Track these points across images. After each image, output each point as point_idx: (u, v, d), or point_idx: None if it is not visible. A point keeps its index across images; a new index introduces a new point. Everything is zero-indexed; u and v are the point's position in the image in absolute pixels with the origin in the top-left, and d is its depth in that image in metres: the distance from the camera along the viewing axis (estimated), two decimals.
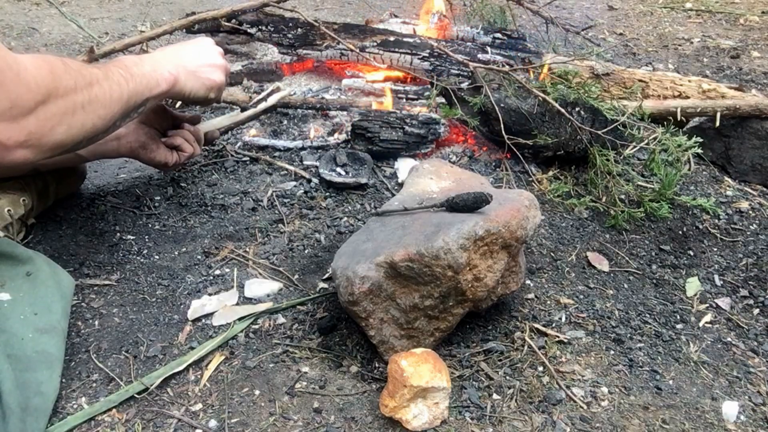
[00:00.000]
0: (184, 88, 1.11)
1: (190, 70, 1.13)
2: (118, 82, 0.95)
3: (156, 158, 1.26)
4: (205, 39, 1.23)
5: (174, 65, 1.10)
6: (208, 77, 1.16)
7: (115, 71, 0.96)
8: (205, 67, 1.16)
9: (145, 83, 1.01)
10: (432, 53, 1.85)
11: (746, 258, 1.37)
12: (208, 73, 1.16)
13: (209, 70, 1.17)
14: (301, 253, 1.25)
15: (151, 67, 1.04)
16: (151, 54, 1.12)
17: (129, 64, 1.01)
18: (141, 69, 1.02)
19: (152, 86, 1.03)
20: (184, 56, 1.14)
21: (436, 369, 0.87)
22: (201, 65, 1.16)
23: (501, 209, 0.98)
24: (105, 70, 0.95)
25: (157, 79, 1.04)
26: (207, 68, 1.17)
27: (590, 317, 1.14)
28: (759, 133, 1.61)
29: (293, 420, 0.89)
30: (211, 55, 1.18)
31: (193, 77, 1.13)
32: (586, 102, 1.47)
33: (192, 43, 1.20)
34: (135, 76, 0.99)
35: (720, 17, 3.35)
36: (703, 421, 0.95)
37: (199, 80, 1.14)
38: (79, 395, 0.92)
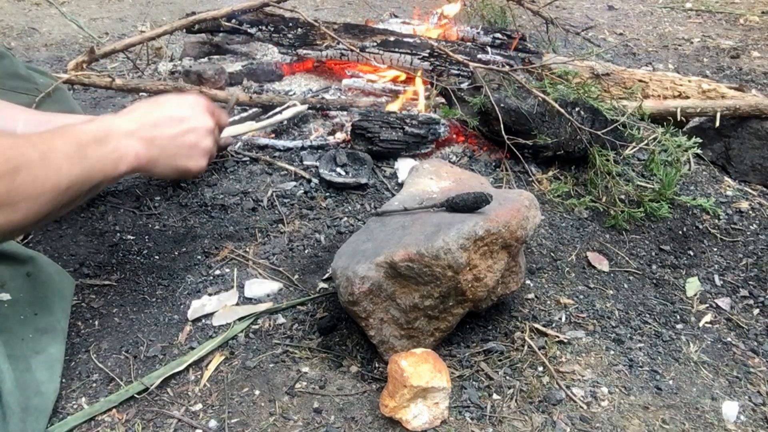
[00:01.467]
0: (152, 170, 0.93)
1: (164, 152, 0.93)
2: (59, 166, 0.76)
3: None
4: (200, 107, 0.99)
5: (146, 143, 0.90)
6: (185, 164, 0.95)
7: (61, 149, 0.78)
8: (186, 149, 0.95)
9: (100, 167, 0.83)
10: (432, 53, 1.85)
11: (746, 258, 1.37)
12: (187, 158, 0.95)
13: (189, 155, 0.96)
14: (301, 253, 1.25)
15: (113, 146, 0.85)
16: (124, 120, 0.90)
17: (86, 140, 0.82)
18: (98, 149, 0.83)
19: (108, 170, 0.84)
20: (164, 130, 0.93)
21: (436, 369, 0.87)
22: (181, 146, 0.94)
23: (501, 209, 0.98)
24: (46, 147, 0.76)
25: (116, 162, 0.85)
26: (188, 151, 0.96)
27: (590, 317, 1.14)
28: (759, 133, 1.61)
29: (293, 420, 0.89)
30: (197, 136, 0.96)
31: (165, 160, 0.93)
32: (586, 102, 1.47)
33: (180, 111, 0.97)
34: (87, 159, 0.81)
35: (720, 17, 3.35)
36: (703, 421, 0.95)
37: (173, 164, 0.94)
38: (79, 395, 0.92)
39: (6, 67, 1.23)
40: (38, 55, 2.63)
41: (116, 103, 1.94)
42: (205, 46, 2.23)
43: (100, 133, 0.85)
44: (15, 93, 1.23)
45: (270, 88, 1.93)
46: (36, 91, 1.27)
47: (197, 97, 1.00)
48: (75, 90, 1.98)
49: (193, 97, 1.00)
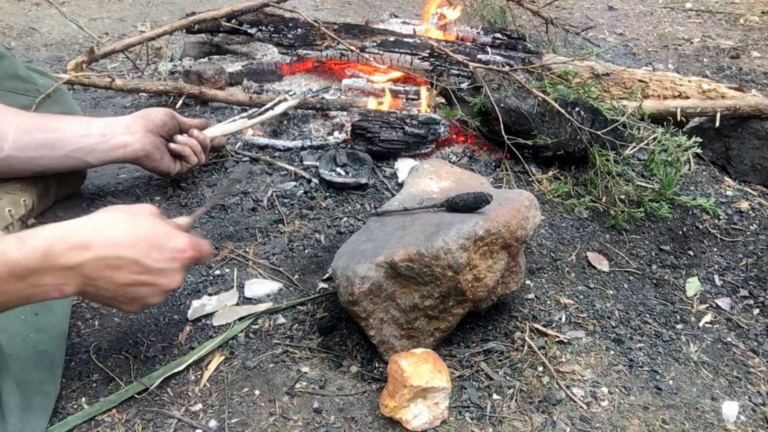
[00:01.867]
0: (87, 298, 0.81)
1: (100, 293, 0.78)
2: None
3: (159, 168, 1.26)
4: (179, 261, 0.84)
5: (83, 283, 0.76)
6: (118, 306, 0.82)
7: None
8: (128, 298, 0.81)
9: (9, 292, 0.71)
10: (432, 53, 1.85)
11: (746, 258, 1.37)
12: (123, 303, 0.82)
13: (128, 302, 0.82)
14: (301, 253, 1.25)
15: (34, 280, 0.73)
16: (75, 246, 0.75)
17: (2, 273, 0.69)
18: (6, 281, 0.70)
19: (12, 302, 0.73)
20: (117, 276, 0.78)
21: (436, 369, 0.87)
22: (125, 295, 0.80)
23: (501, 209, 0.98)
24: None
25: (29, 296, 0.73)
26: (129, 300, 0.81)
27: (590, 317, 1.14)
28: (759, 133, 1.61)
29: (293, 420, 0.89)
30: (152, 293, 0.82)
31: (97, 298, 0.80)
32: (586, 102, 1.47)
33: (153, 260, 0.80)
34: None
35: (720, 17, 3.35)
36: (703, 421, 0.95)
37: (103, 302, 0.82)
38: (79, 395, 0.92)
39: (6, 68, 1.23)
40: (38, 55, 2.63)
41: (116, 103, 1.94)
42: (205, 46, 2.23)
43: (36, 265, 0.72)
44: (15, 94, 1.23)
45: (270, 88, 1.93)
46: (36, 92, 1.27)
47: (187, 246, 0.84)
48: (75, 90, 1.98)
49: (186, 242, 0.84)
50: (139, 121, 1.23)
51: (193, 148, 1.30)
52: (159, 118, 1.25)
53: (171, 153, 1.29)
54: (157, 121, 1.25)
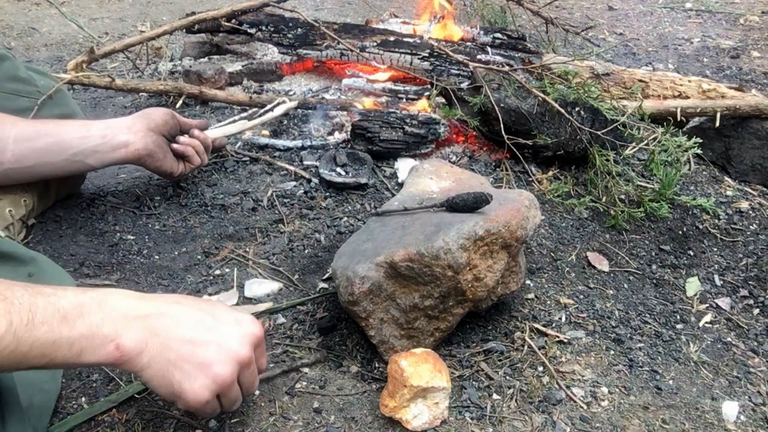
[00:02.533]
0: (139, 372, 0.71)
1: (166, 355, 0.70)
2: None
3: (162, 168, 1.25)
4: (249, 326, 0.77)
5: (144, 334, 0.69)
6: (181, 383, 0.71)
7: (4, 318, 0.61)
8: (192, 365, 0.71)
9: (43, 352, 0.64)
10: (432, 53, 1.85)
11: (746, 258, 1.37)
12: (188, 376, 0.71)
13: (195, 372, 0.71)
14: (301, 253, 1.25)
15: (88, 329, 0.66)
16: (134, 302, 0.71)
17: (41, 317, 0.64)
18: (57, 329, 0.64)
19: (60, 357, 0.65)
20: (180, 329, 0.72)
21: (436, 369, 0.87)
22: (190, 356, 0.71)
23: (501, 209, 0.98)
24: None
25: (82, 349, 0.66)
26: (193, 369, 0.71)
27: (590, 317, 1.14)
28: (759, 133, 1.61)
29: (293, 420, 0.89)
30: (218, 354, 0.73)
31: (162, 365, 0.71)
32: (586, 102, 1.47)
33: (218, 316, 0.76)
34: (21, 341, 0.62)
35: (720, 17, 3.35)
36: (703, 421, 0.95)
37: (167, 375, 0.71)
38: (79, 395, 0.92)
39: (6, 70, 1.23)
40: (38, 55, 2.63)
41: (116, 103, 1.94)
42: (205, 46, 2.23)
43: (93, 308, 0.67)
44: (16, 96, 1.22)
45: (270, 88, 1.93)
46: (37, 93, 1.26)
47: (254, 319, 0.79)
48: (75, 90, 1.98)
49: (250, 317, 0.79)
50: (140, 120, 1.22)
51: (195, 148, 1.30)
52: (160, 117, 1.25)
53: (174, 153, 1.28)
54: (159, 120, 1.24)
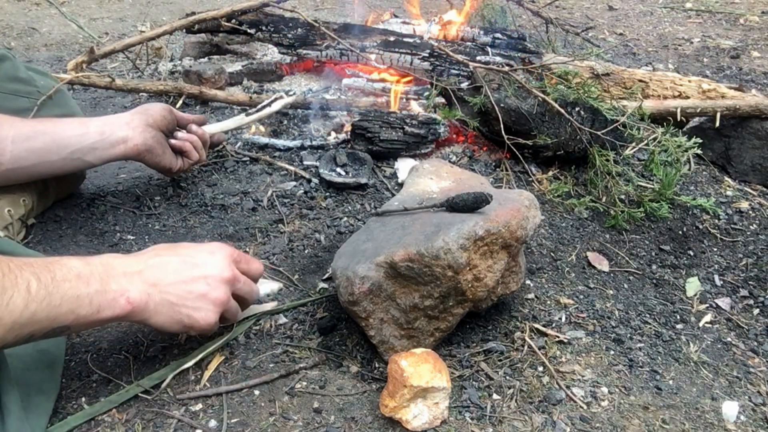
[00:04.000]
0: (148, 319, 0.84)
1: (167, 299, 0.84)
2: (12, 300, 0.68)
3: (161, 163, 1.25)
4: (220, 251, 0.92)
5: (144, 287, 0.82)
6: (190, 315, 0.86)
7: (25, 280, 0.70)
8: (192, 299, 0.86)
9: (71, 307, 0.74)
10: (432, 53, 1.85)
11: (746, 258, 1.37)
12: (193, 309, 0.86)
13: (196, 306, 0.87)
14: (301, 253, 1.25)
15: (100, 285, 0.78)
16: (125, 259, 0.84)
17: (61, 275, 0.74)
18: (76, 285, 0.75)
19: (84, 312, 0.76)
20: (170, 275, 0.85)
21: (436, 369, 0.87)
22: (188, 295, 0.86)
23: (501, 209, 0.98)
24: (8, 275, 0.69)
25: (99, 305, 0.77)
26: (194, 301, 0.86)
27: (590, 317, 1.14)
28: (759, 133, 1.61)
29: (293, 420, 0.89)
30: (209, 284, 0.88)
31: (167, 308, 0.84)
32: (586, 102, 1.47)
33: (195, 257, 0.89)
34: (52, 295, 0.72)
35: (720, 17, 3.36)
36: (703, 421, 0.95)
37: (175, 314, 0.85)
38: (79, 395, 0.92)
39: (6, 70, 1.22)
40: (38, 55, 2.63)
41: (116, 103, 1.94)
42: (205, 46, 2.23)
43: (98, 271, 0.78)
44: (16, 96, 1.22)
45: (270, 88, 1.93)
46: (37, 93, 1.26)
47: (221, 244, 0.93)
48: (75, 90, 1.98)
49: (216, 244, 0.94)
50: (138, 116, 1.22)
51: (193, 144, 1.30)
52: (158, 112, 1.24)
53: (172, 149, 1.28)
54: (156, 115, 1.24)
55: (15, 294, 0.69)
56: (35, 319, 0.71)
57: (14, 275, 0.70)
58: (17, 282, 0.70)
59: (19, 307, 0.69)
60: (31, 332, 0.72)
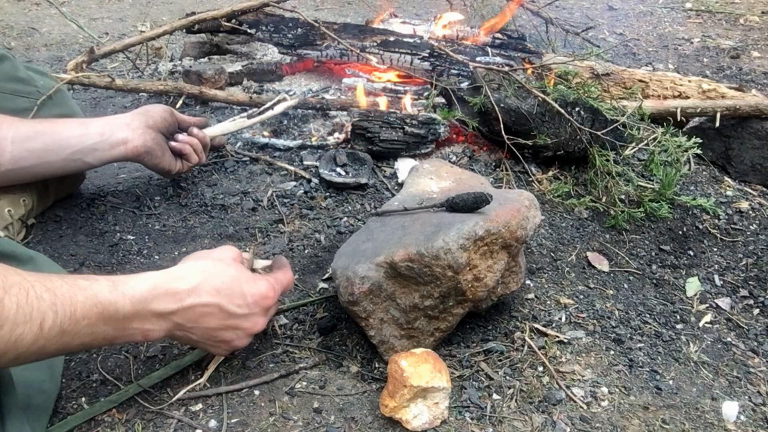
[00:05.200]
0: (178, 339, 0.87)
1: (189, 337, 0.84)
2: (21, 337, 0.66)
3: (160, 165, 1.25)
4: (261, 305, 0.88)
5: (170, 327, 0.81)
6: (206, 348, 0.89)
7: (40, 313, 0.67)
8: (214, 341, 0.86)
9: (83, 342, 0.73)
10: (432, 53, 1.85)
11: (746, 258, 1.37)
12: (210, 347, 0.88)
13: (215, 346, 0.88)
14: (301, 253, 1.25)
15: (121, 325, 0.76)
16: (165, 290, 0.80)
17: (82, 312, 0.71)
18: (95, 324, 0.73)
19: (95, 345, 0.76)
20: (205, 321, 0.84)
21: (436, 369, 0.87)
22: (212, 339, 0.86)
23: (501, 209, 0.98)
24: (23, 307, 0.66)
25: (114, 339, 0.77)
26: (215, 343, 0.87)
27: (590, 317, 1.14)
28: (759, 133, 1.61)
29: (293, 420, 0.89)
30: (237, 336, 0.87)
31: (186, 340, 0.86)
32: (586, 102, 1.47)
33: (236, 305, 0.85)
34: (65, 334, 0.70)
35: (720, 17, 3.36)
36: (703, 421, 0.95)
37: (192, 344, 0.89)
38: (79, 395, 0.92)
39: (6, 70, 1.22)
40: (38, 55, 2.63)
41: (116, 103, 1.94)
42: (205, 46, 2.23)
43: (126, 309, 0.76)
44: (15, 96, 1.22)
45: (270, 88, 1.93)
46: (37, 93, 1.26)
47: (268, 290, 0.88)
48: (75, 90, 1.98)
49: (267, 287, 0.88)
50: (138, 117, 1.22)
51: (193, 147, 1.30)
52: (158, 114, 1.24)
53: (172, 151, 1.28)
54: (157, 117, 1.24)
55: (26, 331, 0.66)
56: (42, 352, 0.70)
57: (30, 307, 0.66)
58: (32, 317, 0.66)
59: (27, 343, 0.67)
60: (34, 360, 0.71)
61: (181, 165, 1.30)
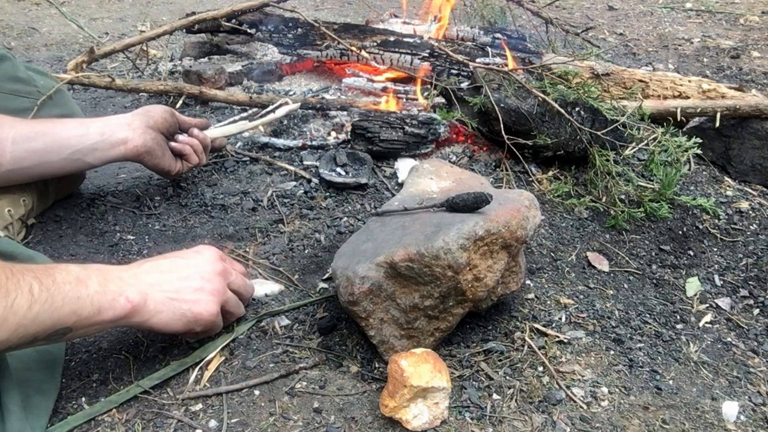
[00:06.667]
0: (150, 320, 0.85)
1: (165, 296, 0.87)
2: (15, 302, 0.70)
3: (160, 165, 1.25)
4: (206, 250, 0.97)
5: (141, 287, 0.85)
6: (191, 308, 0.89)
7: (27, 283, 0.72)
8: (191, 292, 0.89)
9: (72, 308, 0.76)
10: (432, 53, 1.85)
11: (746, 258, 1.37)
12: (193, 302, 0.89)
13: (196, 297, 0.90)
14: (301, 253, 1.25)
15: (99, 287, 0.80)
16: (121, 269, 0.87)
17: (61, 278, 0.76)
18: (77, 288, 0.77)
19: (85, 313, 0.78)
20: (165, 275, 0.89)
21: (436, 369, 0.87)
22: (185, 288, 0.89)
23: (501, 209, 0.98)
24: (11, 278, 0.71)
25: (100, 305, 0.79)
26: (194, 293, 0.90)
27: (590, 317, 1.14)
28: (759, 133, 1.61)
29: (293, 420, 0.89)
30: (204, 275, 0.92)
31: (168, 306, 0.87)
32: (586, 102, 1.47)
33: (183, 256, 0.94)
34: (54, 297, 0.74)
35: (720, 17, 3.36)
36: (703, 421, 0.95)
37: (176, 310, 0.87)
38: (79, 395, 0.92)
39: (6, 70, 1.22)
40: (38, 55, 2.63)
41: (116, 103, 1.94)
42: (205, 46, 2.23)
43: (96, 275, 0.80)
44: (16, 96, 1.22)
45: (270, 88, 1.93)
46: (37, 93, 1.26)
47: (205, 245, 0.99)
48: (75, 90, 1.98)
49: (201, 245, 0.99)
50: (139, 117, 1.22)
51: (194, 148, 1.30)
52: (159, 114, 1.24)
53: (172, 152, 1.28)
54: (158, 117, 1.24)
55: (18, 296, 0.71)
56: (39, 320, 0.73)
57: (17, 279, 0.72)
58: (20, 285, 0.72)
59: (23, 309, 0.71)
60: (34, 334, 0.74)
61: (181, 165, 1.30)
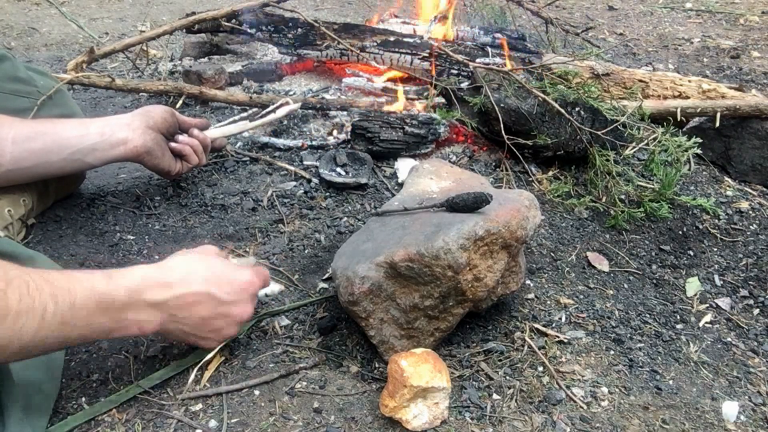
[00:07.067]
0: (161, 334, 0.89)
1: (181, 328, 0.86)
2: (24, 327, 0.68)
3: (160, 165, 1.25)
4: (248, 291, 0.92)
5: (169, 319, 0.84)
6: (197, 341, 0.90)
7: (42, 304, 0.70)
8: (206, 332, 0.89)
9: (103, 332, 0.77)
10: (432, 53, 1.85)
11: (746, 258, 1.37)
12: (202, 340, 0.90)
13: (206, 337, 0.90)
14: (301, 253, 1.25)
15: (130, 320, 0.80)
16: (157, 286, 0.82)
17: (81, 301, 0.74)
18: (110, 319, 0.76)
19: (93, 337, 0.79)
20: (196, 310, 0.86)
21: (436, 369, 0.87)
22: (203, 329, 0.88)
23: (501, 209, 0.98)
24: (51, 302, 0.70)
25: (111, 330, 0.79)
26: (207, 334, 0.89)
27: (590, 317, 1.14)
28: (759, 133, 1.61)
29: (293, 420, 0.89)
30: (227, 324, 0.90)
31: (177, 334, 0.88)
32: (586, 102, 1.47)
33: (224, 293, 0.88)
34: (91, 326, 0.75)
35: (720, 17, 3.36)
36: (703, 421, 0.95)
37: (183, 338, 0.89)
38: (79, 395, 0.92)
39: (6, 70, 1.22)
40: (38, 55, 2.63)
41: (116, 103, 1.94)
42: (205, 46, 2.23)
43: (121, 299, 0.78)
44: (15, 96, 1.22)
45: (270, 88, 1.93)
46: (37, 93, 1.26)
47: (253, 278, 0.92)
48: (75, 90, 1.98)
49: (251, 275, 0.93)
50: (139, 117, 1.22)
51: (194, 148, 1.30)
52: (159, 115, 1.24)
53: (172, 152, 1.28)
54: (158, 118, 1.24)
55: (28, 321, 0.69)
56: (44, 344, 0.72)
57: (32, 299, 0.69)
58: (33, 306, 0.69)
59: (30, 334, 0.69)
60: (36, 354, 0.74)
61: (181, 166, 1.30)
